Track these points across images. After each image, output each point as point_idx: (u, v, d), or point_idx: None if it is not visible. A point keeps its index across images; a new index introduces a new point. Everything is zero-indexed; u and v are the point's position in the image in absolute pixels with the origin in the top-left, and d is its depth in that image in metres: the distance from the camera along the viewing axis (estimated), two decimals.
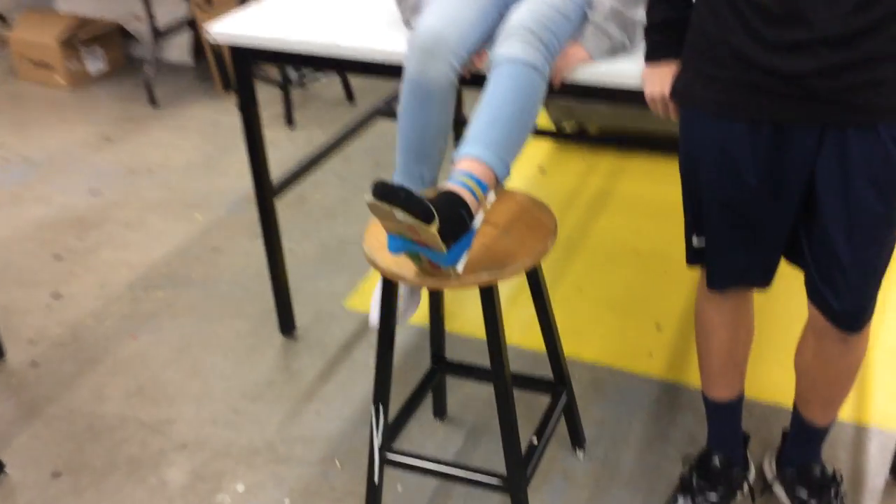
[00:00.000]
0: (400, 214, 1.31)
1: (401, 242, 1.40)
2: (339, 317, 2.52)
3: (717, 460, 1.72)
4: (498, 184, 1.52)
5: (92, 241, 2.99)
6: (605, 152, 3.34)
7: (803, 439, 1.67)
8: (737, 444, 1.74)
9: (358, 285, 2.66)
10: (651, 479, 1.91)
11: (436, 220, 1.32)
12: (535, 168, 3.26)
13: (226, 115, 3.94)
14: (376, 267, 1.51)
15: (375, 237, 1.58)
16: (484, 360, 2.29)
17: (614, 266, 2.66)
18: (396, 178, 1.87)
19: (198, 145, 3.68)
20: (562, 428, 2.03)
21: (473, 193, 1.44)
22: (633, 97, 1.63)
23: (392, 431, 1.80)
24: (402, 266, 1.48)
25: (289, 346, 2.41)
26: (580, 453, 1.98)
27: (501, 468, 1.95)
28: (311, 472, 1.98)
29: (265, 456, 2.04)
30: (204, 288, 2.70)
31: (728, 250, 1.49)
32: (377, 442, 1.74)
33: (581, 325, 2.42)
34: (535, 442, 1.75)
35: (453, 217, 1.38)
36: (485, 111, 1.54)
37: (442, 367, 1.99)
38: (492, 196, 1.50)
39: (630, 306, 2.48)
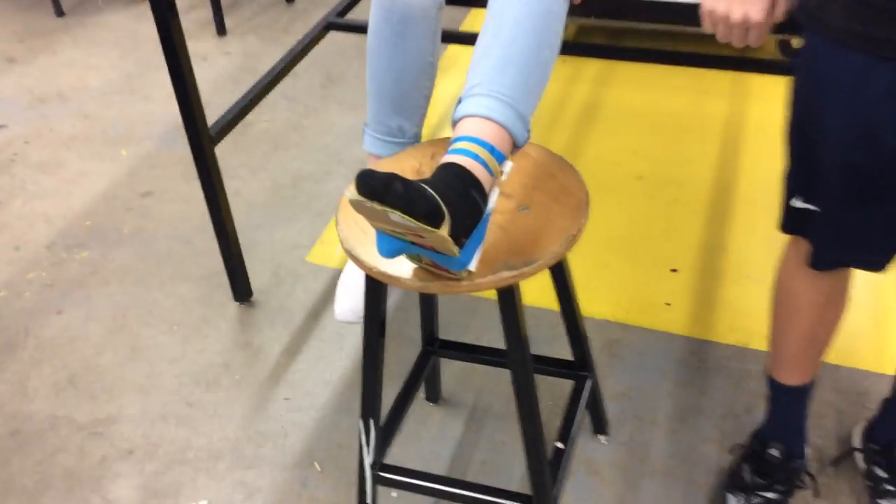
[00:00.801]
0: (397, 216, 0.94)
1: (397, 245, 1.04)
2: (301, 275, 2.15)
3: (775, 452, 1.45)
4: (515, 149, 1.14)
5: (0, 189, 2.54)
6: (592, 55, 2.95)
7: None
8: (800, 435, 1.46)
9: (321, 234, 2.28)
10: (688, 466, 1.63)
11: (446, 219, 0.96)
12: None
13: (146, 22, 3.42)
14: (361, 266, 1.15)
15: (354, 220, 1.20)
16: (479, 334, 1.96)
17: (613, 197, 2.32)
18: (369, 133, 1.48)
19: (115, 63, 3.17)
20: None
21: (486, 167, 1.07)
22: (684, 14, 1.24)
23: (385, 435, 1.47)
24: (397, 265, 1.12)
25: (246, 316, 2.05)
26: (603, 439, 1.70)
27: (510, 457, 1.66)
28: (286, 480, 1.66)
29: (229, 460, 1.71)
30: (137, 245, 2.29)
31: (846, 225, 1.15)
32: (368, 460, 1.42)
33: (583, 274, 2.09)
34: (561, 445, 1.44)
35: (465, 206, 1.01)
36: (491, 47, 1.14)
37: (435, 349, 1.66)
38: (508, 166, 1.13)
39: (638, 246, 2.16)
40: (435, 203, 0.94)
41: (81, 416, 1.82)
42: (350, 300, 1.50)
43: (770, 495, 1.46)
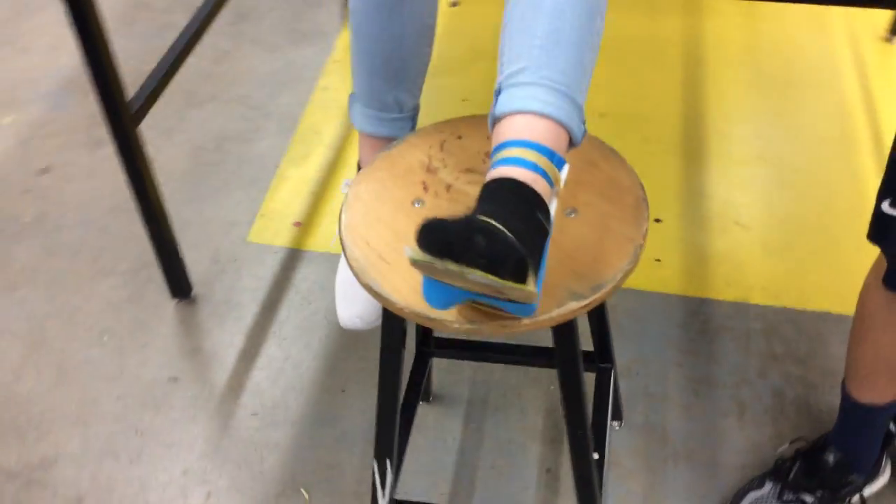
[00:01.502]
0: (478, 276, 0.71)
1: (458, 295, 0.81)
2: (245, 259, 1.88)
3: (830, 457, 1.32)
4: (571, 147, 0.92)
5: None
6: None
7: None
8: (868, 452, 1.33)
9: (259, 206, 2.00)
10: (710, 446, 1.50)
11: (531, 269, 0.74)
12: None
13: None
14: (390, 306, 0.91)
15: (362, 238, 0.96)
16: None
17: None
18: (359, 109, 1.22)
19: None
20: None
21: (547, 177, 0.84)
22: None
23: (396, 466, 1.27)
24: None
25: (188, 315, 1.77)
26: (617, 425, 1.54)
27: (519, 457, 1.48)
28: None
29: (199, 497, 1.47)
30: (42, 237, 1.96)
31: None
32: (383, 503, 1.22)
33: None
34: (597, 456, 1.28)
35: (537, 239, 0.79)
36: (533, 19, 0.89)
37: (431, 349, 1.45)
38: (566, 170, 0.90)
39: None
40: (521, 256, 0.72)
41: (10, 461, 1.54)
42: (356, 304, 1.27)
43: (807, 498, 1.34)
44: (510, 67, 0.88)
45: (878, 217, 1.06)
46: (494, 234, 0.71)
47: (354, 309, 1.27)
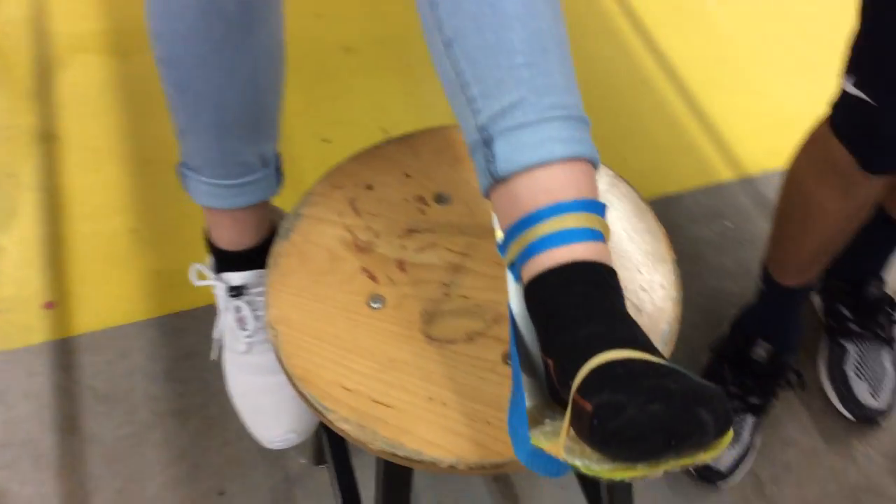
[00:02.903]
0: (694, 460, 0.48)
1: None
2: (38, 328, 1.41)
3: (762, 352, 1.27)
4: None
5: None
6: None
7: (874, 244, 1.28)
8: (795, 331, 1.29)
9: (53, 251, 1.49)
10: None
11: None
12: None
13: None
14: (436, 467, 0.65)
15: (327, 360, 0.68)
16: None
17: (334, 85, 1.82)
18: (204, 182, 0.87)
19: None
20: None
21: (604, 239, 0.62)
22: None
23: None
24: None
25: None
26: None
27: None
28: None
29: None
30: None
31: None
32: None
33: None
34: None
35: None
36: (504, 24, 0.62)
37: None
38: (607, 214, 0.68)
39: None
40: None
41: None
42: (283, 417, 0.97)
43: (753, 400, 1.30)
44: (495, 103, 0.61)
45: (842, 98, 0.96)
46: (716, 397, 0.48)
47: (282, 422, 0.96)
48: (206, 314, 1.40)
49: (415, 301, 0.73)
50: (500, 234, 0.66)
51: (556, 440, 0.53)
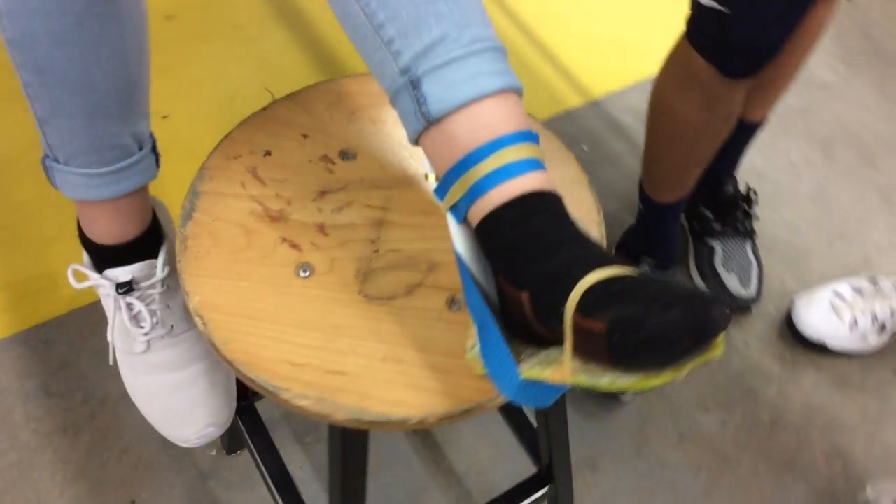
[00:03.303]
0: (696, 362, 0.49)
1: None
2: None
3: (646, 269, 1.32)
4: None
5: None
6: None
7: (727, 145, 1.35)
8: (671, 246, 1.35)
9: None
10: None
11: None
12: None
13: None
14: (405, 425, 0.63)
15: (266, 338, 0.64)
16: None
17: (159, 57, 1.71)
18: (76, 173, 0.79)
19: None
20: None
21: (546, 168, 0.61)
22: None
23: None
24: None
25: None
26: None
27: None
28: None
29: None
30: None
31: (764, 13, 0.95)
32: None
33: None
34: None
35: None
36: None
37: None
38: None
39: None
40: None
41: None
42: (198, 411, 0.90)
43: None
44: (415, 41, 0.59)
45: (696, 11, 1.00)
46: (714, 297, 0.49)
47: (199, 418, 0.89)
48: (73, 320, 1.30)
49: (345, 263, 0.70)
50: (433, 179, 0.65)
51: (558, 367, 0.52)
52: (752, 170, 1.58)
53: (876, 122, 1.71)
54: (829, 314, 1.35)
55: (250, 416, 1.05)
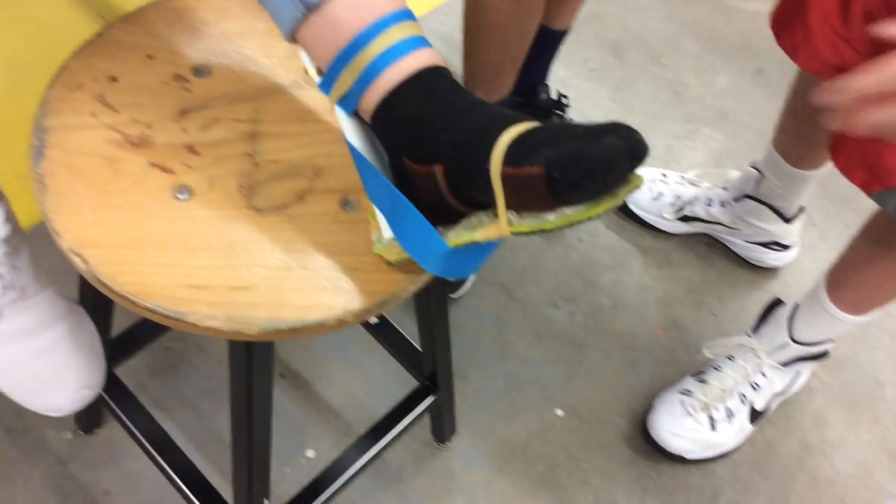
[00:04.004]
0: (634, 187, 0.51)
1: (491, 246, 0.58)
2: None
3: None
4: None
5: None
6: None
7: (537, 54, 1.39)
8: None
9: None
10: None
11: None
12: None
13: None
14: (330, 324, 0.61)
15: (159, 264, 0.60)
16: None
17: None
18: None
19: None
20: None
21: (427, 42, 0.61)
22: None
23: None
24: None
25: None
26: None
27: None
28: None
29: None
30: None
31: None
32: None
33: None
34: None
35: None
36: None
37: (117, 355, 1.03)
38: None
39: None
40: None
41: None
42: (72, 373, 0.81)
43: None
44: None
45: None
46: (612, 125, 0.50)
47: (69, 381, 0.80)
48: None
49: (225, 179, 0.66)
50: (314, 73, 0.63)
51: (491, 225, 0.53)
52: (558, 80, 1.65)
53: (656, 24, 1.84)
54: (651, 203, 1.46)
55: (113, 384, 0.98)
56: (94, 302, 0.85)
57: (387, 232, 0.61)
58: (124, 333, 1.03)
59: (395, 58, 0.56)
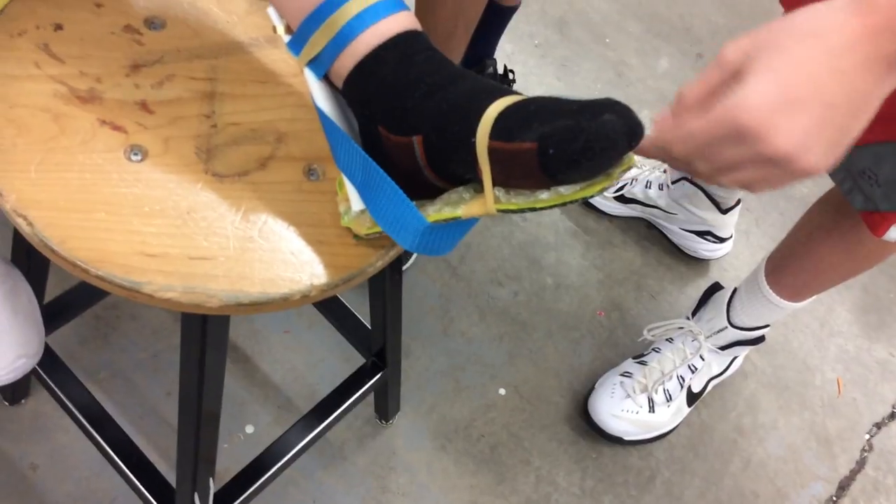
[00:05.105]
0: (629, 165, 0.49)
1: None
2: None
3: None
4: None
5: None
6: None
7: (485, 29, 1.37)
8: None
9: None
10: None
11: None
12: None
13: None
14: (291, 300, 0.58)
15: (112, 229, 0.56)
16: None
17: None
18: None
19: None
20: None
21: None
22: None
23: None
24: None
25: None
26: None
27: None
28: None
29: None
30: None
31: None
32: None
33: None
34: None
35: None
36: None
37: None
38: None
39: None
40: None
41: None
42: (6, 339, 0.75)
43: None
44: None
45: None
46: (608, 101, 0.48)
47: (4, 350, 0.75)
48: None
49: (181, 141, 0.62)
50: (282, 31, 0.59)
51: (474, 202, 0.50)
52: (504, 55, 1.63)
53: (600, 2, 1.83)
54: None
55: (44, 353, 0.92)
56: (28, 266, 0.79)
57: (356, 204, 0.58)
58: (56, 300, 0.97)
59: (374, 19, 0.53)
